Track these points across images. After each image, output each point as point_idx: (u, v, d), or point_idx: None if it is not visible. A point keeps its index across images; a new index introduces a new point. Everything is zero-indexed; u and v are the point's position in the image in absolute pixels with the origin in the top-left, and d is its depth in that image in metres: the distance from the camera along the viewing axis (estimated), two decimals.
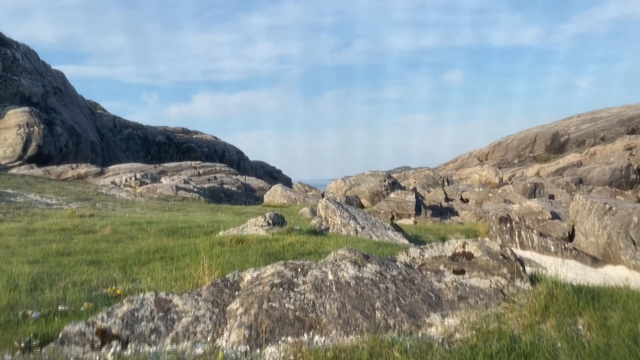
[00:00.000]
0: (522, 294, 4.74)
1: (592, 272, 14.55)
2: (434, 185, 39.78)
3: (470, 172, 50.05)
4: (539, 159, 70.90)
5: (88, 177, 31.83)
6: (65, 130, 42.81)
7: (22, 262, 7.98)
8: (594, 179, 48.20)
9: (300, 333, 4.30)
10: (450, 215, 26.43)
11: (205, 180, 36.80)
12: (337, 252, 5.42)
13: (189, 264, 7.67)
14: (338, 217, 14.16)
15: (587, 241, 17.35)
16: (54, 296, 5.92)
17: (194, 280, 5.88)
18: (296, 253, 8.89)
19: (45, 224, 12.83)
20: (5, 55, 44.21)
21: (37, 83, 44.81)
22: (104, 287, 6.50)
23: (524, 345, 3.92)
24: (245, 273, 5.20)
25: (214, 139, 74.71)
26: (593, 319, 4.18)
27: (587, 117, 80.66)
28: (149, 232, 11.94)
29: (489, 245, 5.43)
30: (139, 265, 8.03)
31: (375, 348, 4.00)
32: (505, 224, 18.32)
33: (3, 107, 40.29)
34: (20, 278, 6.74)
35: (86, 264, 8.07)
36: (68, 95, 51.97)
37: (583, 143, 71.05)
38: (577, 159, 60.98)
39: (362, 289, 4.75)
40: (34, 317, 5.11)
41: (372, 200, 29.91)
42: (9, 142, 38.13)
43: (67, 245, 9.87)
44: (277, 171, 74.45)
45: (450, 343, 4.14)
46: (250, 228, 11.86)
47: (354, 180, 36.16)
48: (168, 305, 4.68)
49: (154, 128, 69.50)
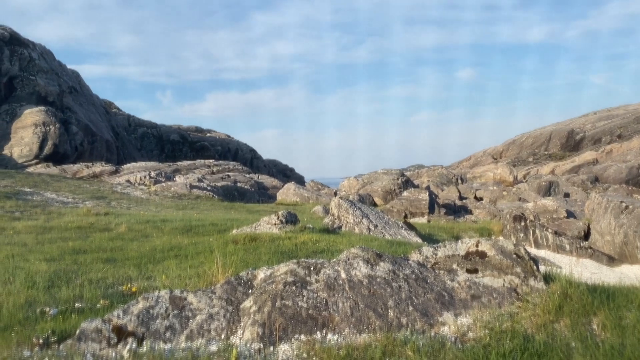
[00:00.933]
0: (535, 293, 4.72)
1: (607, 272, 14.40)
2: (448, 183, 39.58)
3: (485, 170, 49.69)
4: (554, 157, 70.22)
5: (103, 176, 32.16)
6: (80, 129, 43.28)
7: (40, 259, 8.11)
8: (610, 177, 47.61)
9: (313, 331, 4.32)
10: (464, 213, 26.30)
11: (218, 179, 37.00)
12: (350, 251, 5.44)
13: (203, 262, 7.73)
14: (351, 216, 14.16)
15: (603, 240, 17.17)
16: (71, 293, 6.01)
17: (208, 278, 5.93)
18: (309, 251, 8.91)
19: (61, 222, 13.00)
20: (22, 56, 44.79)
21: (53, 82, 45.35)
22: (120, 284, 6.58)
23: (538, 345, 3.90)
24: (258, 271, 5.24)
25: (227, 138, 75.03)
26: (608, 319, 4.15)
27: (604, 114, 79.71)
28: (163, 230, 12.04)
29: (502, 244, 5.41)
30: (154, 263, 8.11)
31: (388, 346, 4.02)
32: (519, 223, 18.18)
33: (20, 107, 40.85)
34: (37, 275, 6.85)
35: (102, 261, 8.17)
36: (83, 95, 52.53)
37: (599, 141, 70.23)
38: (593, 157, 60.30)
39: (374, 288, 4.76)
40: (52, 314, 5.19)
41: (385, 199, 29.85)
42: (25, 141, 38.66)
43: (83, 243, 9.99)
44: (290, 169, 74.56)
45: (463, 342, 4.14)
46: (264, 226, 11.91)
47: (367, 179, 36.10)
48: (183, 303, 4.73)
49: (168, 127, 69.98)
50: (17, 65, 44.00)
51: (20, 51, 45.02)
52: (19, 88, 42.91)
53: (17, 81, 43.23)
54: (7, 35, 45.52)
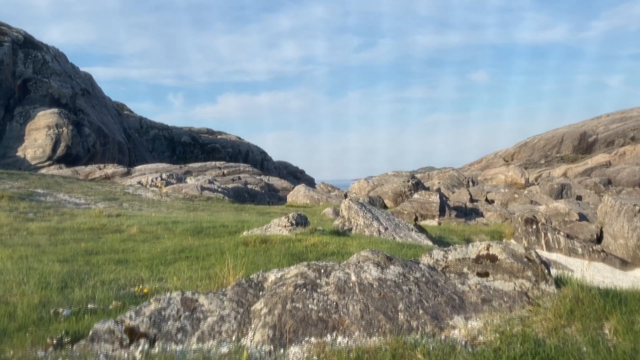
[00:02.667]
0: (547, 297, 4.70)
1: (620, 275, 14.27)
2: (459, 185, 39.41)
3: (496, 172, 49.40)
4: (566, 160, 69.68)
5: (115, 177, 32.42)
6: (93, 131, 43.68)
7: (53, 260, 8.20)
8: (624, 180, 47.11)
9: (324, 334, 4.34)
10: (475, 216, 26.16)
11: (229, 181, 37.15)
12: (360, 254, 5.45)
13: (214, 263, 7.77)
14: (361, 218, 14.16)
15: (616, 243, 17.01)
16: (84, 294, 6.08)
17: (219, 280, 5.97)
18: (319, 254, 8.93)
19: (74, 223, 13.14)
20: (36, 58, 45.32)
21: (66, 85, 45.83)
22: (132, 286, 6.64)
23: (549, 349, 3.89)
24: (269, 273, 5.27)
25: (238, 140, 75.34)
26: (620, 323, 4.12)
27: (617, 116, 78.96)
28: (174, 231, 12.12)
29: (513, 247, 5.39)
30: (165, 264, 8.17)
31: (398, 350, 4.02)
32: (531, 226, 18.07)
33: (33, 109, 41.32)
34: (51, 276, 6.94)
35: (114, 263, 8.25)
36: (96, 97, 53.01)
37: (612, 143, 69.58)
38: (606, 159, 59.72)
39: (385, 291, 4.77)
40: (65, 315, 5.25)
41: (396, 201, 29.78)
42: (39, 143, 39.08)
43: (95, 245, 10.09)
44: (300, 171, 74.68)
45: (474, 346, 4.13)
46: (274, 228, 11.95)
47: (377, 181, 36.06)
48: (194, 304, 4.77)
49: (179, 129, 70.45)
50: (31, 67, 44.52)
51: (34, 54, 45.57)
52: (32, 90, 43.41)
53: (30, 83, 43.74)
54: (22, 38, 46.10)
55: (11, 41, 44.16)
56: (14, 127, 40.17)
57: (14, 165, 35.86)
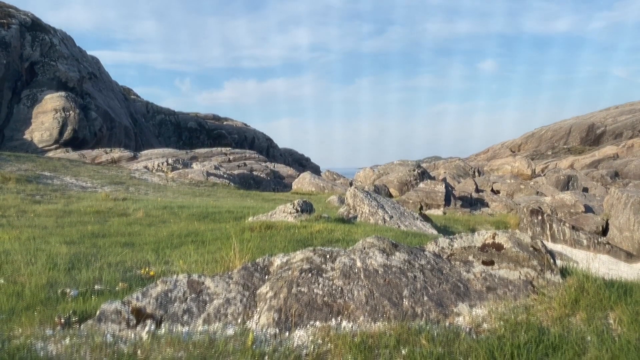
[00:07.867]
0: (551, 287, 4.71)
1: (625, 268, 14.24)
2: (465, 175, 39.32)
3: (502, 163, 49.23)
4: (573, 151, 69.31)
5: (121, 162, 32.52)
6: (99, 115, 43.74)
7: (60, 242, 8.26)
8: (631, 173, 46.82)
9: (328, 318, 4.37)
10: (480, 206, 26.13)
11: (235, 167, 37.20)
12: (366, 240, 5.46)
13: (220, 247, 7.82)
14: (366, 206, 14.17)
15: (622, 236, 16.96)
16: (91, 276, 6.14)
17: (225, 264, 6.00)
18: (324, 240, 8.95)
19: (80, 206, 13.22)
20: (44, 41, 45.27)
21: (73, 68, 45.81)
22: (138, 268, 6.69)
23: (553, 337, 3.90)
24: (275, 258, 5.29)
25: (244, 126, 75.30)
26: (625, 314, 4.12)
27: (626, 108, 78.32)
28: (180, 216, 12.18)
29: (519, 236, 5.39)
30: (171, 248, 8.22)
31: (402, 335, 4.05)
32: (536, 216, 18.03)
33: (41, 92, 41.37)
34: (58, 257, 7.00)
35: (120, 245, 8.31)
36: (103, 81, 53.01)
37: (620, 135, 69.08)
38: (614, 152, 59.35)
39: (390, 277, 4.79)
40: (72, 295, 5.31)
41: (401, 190, 29.77)
42: (46, 126, 39.19)
43: (101, 227, 10.16)
44: (306, 159, 74.64)
45: (478, 333, 4.15)
46: (279, 214, 11.98)
47: (383, 170, 36.01)
48: (200, 287, 4.80)
49: (185, 114, 70.43)
50: (39, 50, 44.50)
51: (42, 37, 45.51)
52: (39, 73, 43.42)
53: (38, 66, 43.74)
54: (29, 20, 46.02)
55: (19, 24, 44.11)
56: (21, 110, 40.27)
57: (21, 148, 36.00)
